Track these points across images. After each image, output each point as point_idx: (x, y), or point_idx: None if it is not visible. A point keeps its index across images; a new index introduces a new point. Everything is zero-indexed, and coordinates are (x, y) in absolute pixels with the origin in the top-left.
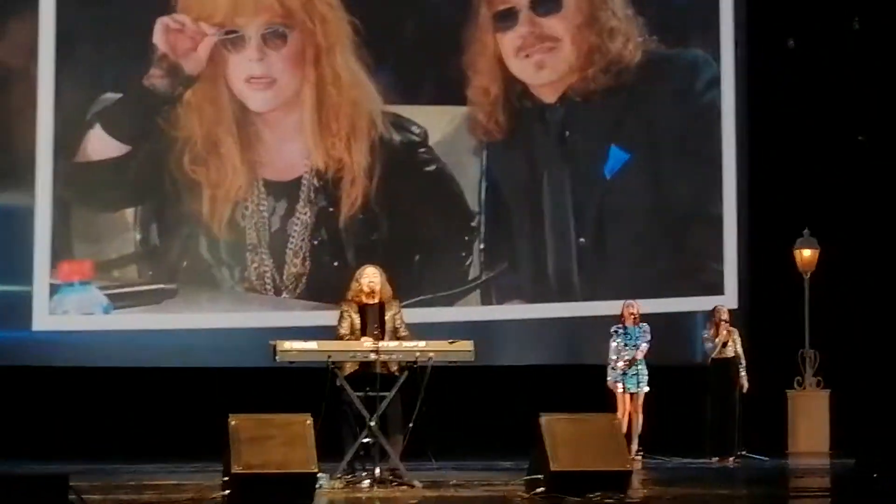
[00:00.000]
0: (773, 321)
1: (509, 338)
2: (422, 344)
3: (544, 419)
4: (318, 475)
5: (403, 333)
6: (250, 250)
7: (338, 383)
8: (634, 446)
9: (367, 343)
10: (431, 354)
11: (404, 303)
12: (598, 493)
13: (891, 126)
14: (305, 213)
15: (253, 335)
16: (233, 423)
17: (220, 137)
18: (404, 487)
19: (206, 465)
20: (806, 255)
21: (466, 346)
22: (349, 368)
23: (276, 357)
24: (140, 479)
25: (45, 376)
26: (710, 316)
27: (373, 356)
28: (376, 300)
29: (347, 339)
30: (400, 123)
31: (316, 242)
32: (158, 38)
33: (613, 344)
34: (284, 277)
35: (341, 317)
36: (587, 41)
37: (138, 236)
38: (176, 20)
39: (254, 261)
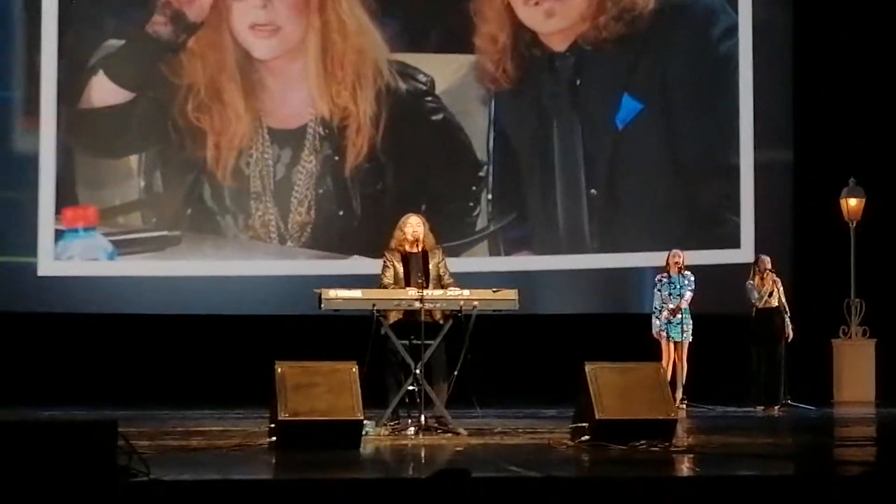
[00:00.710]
0: (819, 270)
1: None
2: (466, 292)
3: (589, 367)
4: (364, 422)
5: (448, 281)
6: (255, 198)
7: (382, 332)
8: (679, 395)
9: (411, 291)
10: (475, 303)
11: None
12: (643, 442)
13: None
14: (310, 162)
15: (258, 283)
16: (279, 370)
17: (224, 85)
18: (449, 435)
19: (250, 412)
20: (852, 203)
21: (510, 294)
22: (393, 317)
23: (322, 305)
24: (187, 425)
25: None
26: (755, 265)
27: (417, 304)
28: (420, 249)
29: (392, 288)
30: (406, 72)
31: (321, 191)
32: None
33: (658, 293)
34: (289, 226)
35: (385, 266)
36: None
37: (142, 183)
38: None
39: (258, 209)
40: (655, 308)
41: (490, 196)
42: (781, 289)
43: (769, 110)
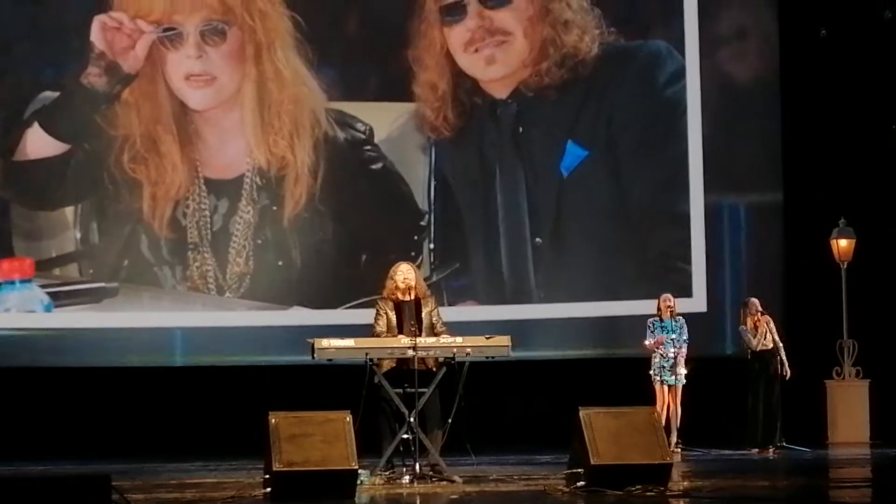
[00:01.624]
0: (811, 312)
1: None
2: (459, 340)
3: (584, 413)
4: (359, 471)
5: (441, 329)
6: (192, 249)
7: (376, 380)
8: (674, 439)
9: (404, 340)
10: (469, 350)
11: (349, 304)
12: (639, 487)
13: None
14: (248, 212)
15: (197, 334)
16: (273, 421)
17: (160, 135)
18: (444, 482)
19: (244, 463)
20: (843, 245)
21: (503, 341)
22: (386, 365)
23: (315, 355)
24: (181, 477)
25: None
26: (744, 308)
27: (410, 352)
28: (412, 297)
29: (384, 337)
30: (344, 120)
31: (259, 241)
32: (96, 36)
33: (651, 334)
34: (227, 277)
35: (377, 314)
36: (540, 34)
37: (79, 234)
38: (113, 18)
39: (196, 259)
40: (655, 351)
41: (432, 245)
42: (774, 328)
43: (719, 153)
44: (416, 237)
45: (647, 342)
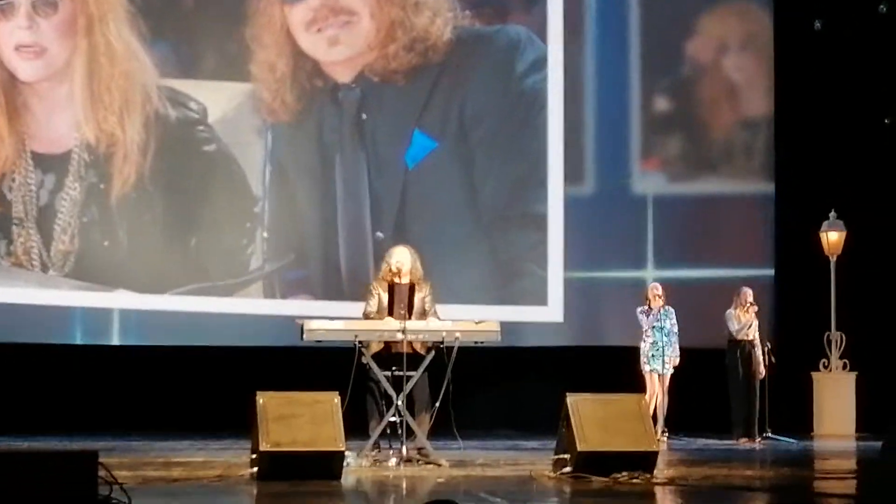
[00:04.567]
0: (800, 304)
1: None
2: (448, 324)
3: (571, 399)
4: (346, 453)
5: (431, 316)
6: (17, 224)
7: (364, 362)
8: (660, 427)
9: (392, 322)
10: (458, 334)
11: (177, 290)
12: (625, 473)
13: None
14: (75, 189)
15: (20, 312)
16: (260, 401)
17: None
18: (431, 466)
19: (232, 443)
20: (832, 237)
21: (493, 325)
22: (375, 347)
23: (304, 336)
24: (168, 455)
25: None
26: (736, 297)
27: (399, 336)
28: (406, 280)
29: (373, 318)
30: (177, 99)
31: (86, 220)
32: None
33: (643, 317)
34: (52, 254)
35: (370, 294)
36: (388, 15)
37: None
38: None
39: (21, 235)
40: (644, 339)
41: (266, 234)
42: (757, 323)
43: (576, 148)
44: (248, 224)
45: (642, 346)
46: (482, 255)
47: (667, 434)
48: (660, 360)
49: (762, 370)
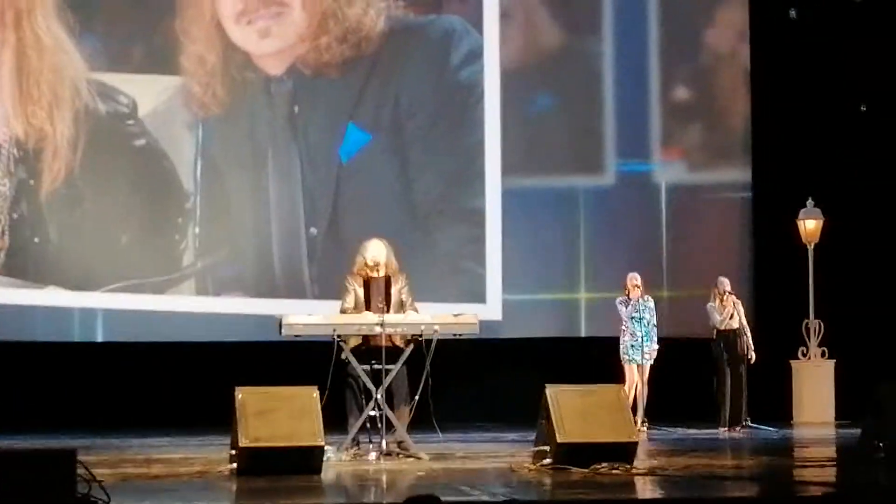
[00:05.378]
0: (778, 292)
1: (230, 334)
2: (427, 317)
3: (550, 391)
4: (325, 448)
5: (410, 307)
6: None
7: (343, 356)
8: (640, 417)
9: (370, 316)
10: (436, 327)
11: (108, 287)
12: (605, 464)
13: (893, 96)
14: (4, 185)
15: None
16: (239, 396)
17: None
18: (411, 459)
19: (212, 439)
20: (810, 225)
21: (471, 318)
22: (354, 342)
23: (282, 331)
24: (147, 452)
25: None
26: (714, 288)
27: (378, 329)
28: (381, 273)
29: (351, 313)
30: (106, 93)
31: (15, 216)
32: None
33: (622, 308)
34: None
35: (346, 291)
36: (320, 6)
37: None
38: None
39: None
40: (623, 329)
41: (198, 230)
42: (742, 310)
43: (518, 140)
44: (180, 219)
45: (622, 339)
46: (418, 250)
47: (646, 424)
48: (639, 350)
49: (752, 354)
